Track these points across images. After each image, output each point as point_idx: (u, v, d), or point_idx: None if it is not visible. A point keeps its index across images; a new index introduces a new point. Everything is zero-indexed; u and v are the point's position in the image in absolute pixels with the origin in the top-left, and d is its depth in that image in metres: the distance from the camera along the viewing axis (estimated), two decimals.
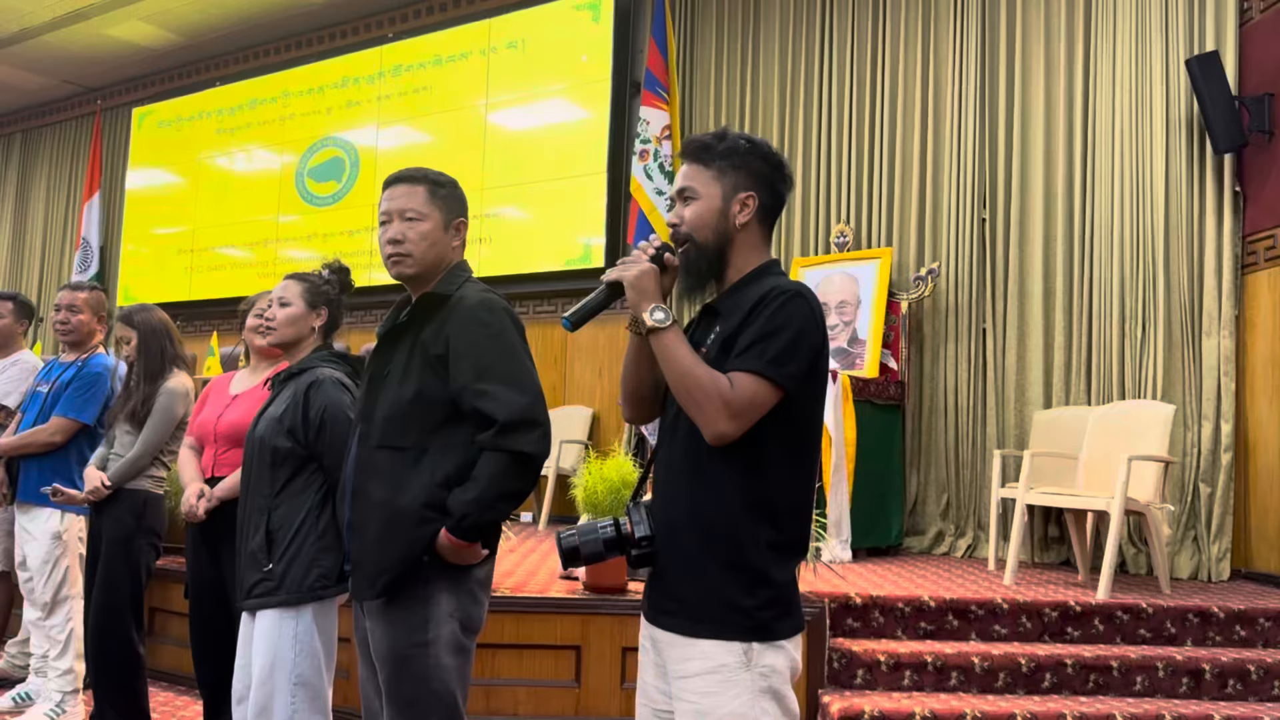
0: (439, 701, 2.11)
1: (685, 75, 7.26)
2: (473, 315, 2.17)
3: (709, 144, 1.87)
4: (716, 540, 1.73)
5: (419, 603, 2.12)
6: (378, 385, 2.21)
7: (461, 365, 2.13)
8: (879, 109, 6.50)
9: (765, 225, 1.88)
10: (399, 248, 2.23)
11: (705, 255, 1.84)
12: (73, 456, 3.91)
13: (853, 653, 3.86)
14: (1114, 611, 4.12)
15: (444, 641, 2.12)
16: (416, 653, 2.10)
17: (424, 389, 2.14)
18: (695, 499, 1.76)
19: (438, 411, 2.14)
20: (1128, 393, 5.46)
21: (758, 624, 1.71)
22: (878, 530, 5.68)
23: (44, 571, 3.90)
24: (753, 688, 1.69)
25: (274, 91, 9.15)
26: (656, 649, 1.82)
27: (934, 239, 6.23)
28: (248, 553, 2.64)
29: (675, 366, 1.72)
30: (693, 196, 1.85)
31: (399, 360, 2.19)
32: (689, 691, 1.72)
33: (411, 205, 2.24)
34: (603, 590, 4.01)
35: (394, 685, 2.11)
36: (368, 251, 8.24)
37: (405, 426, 2.14)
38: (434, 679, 2.11)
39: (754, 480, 1.73)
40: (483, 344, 2.14)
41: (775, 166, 1.87)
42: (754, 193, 1.84)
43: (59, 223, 10.74)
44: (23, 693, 4.09)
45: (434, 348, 2.15)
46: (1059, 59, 5.92)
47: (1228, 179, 5.32)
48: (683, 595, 1.76)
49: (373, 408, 2.19)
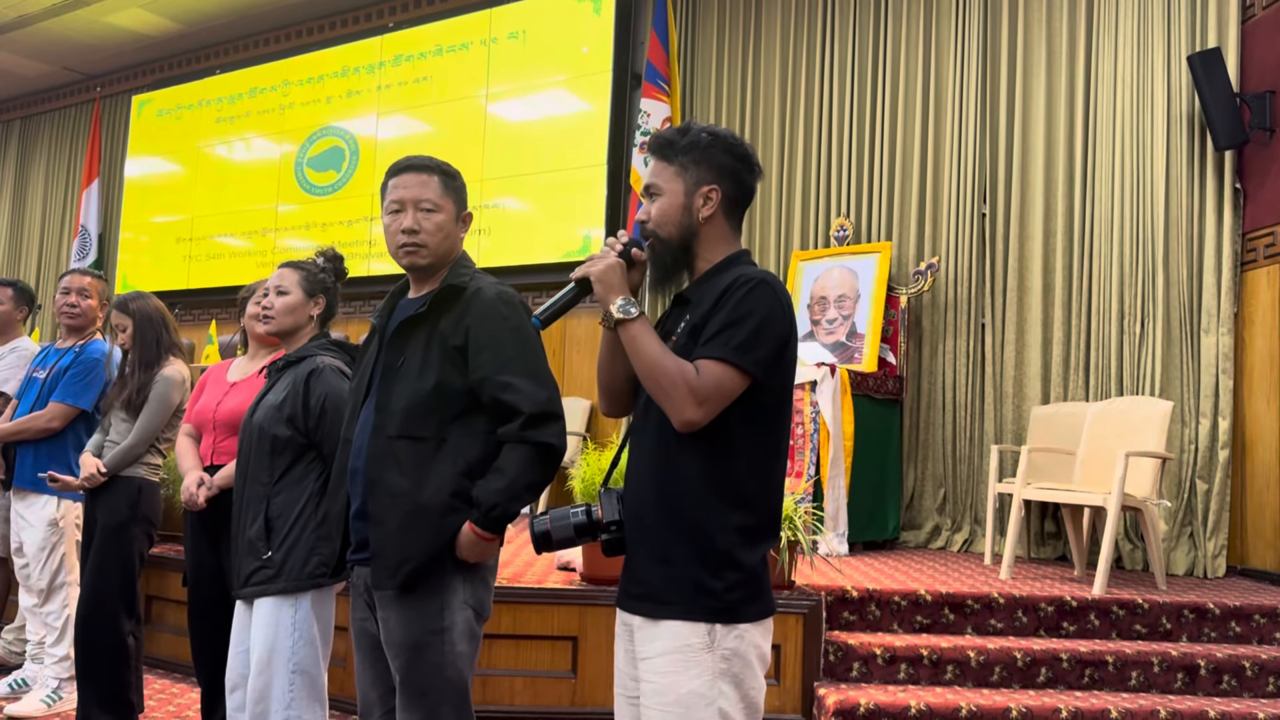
0: (452, 688, 2.13)
1: (686, 67, 7.24)
2: (492, 308, 2.19)
3: (672, 140, 1.88)
4: (683, 525, 1.75)
5: (435, 591, 2.13)
6: (392, 376, 2.19)
7: (483, 357, 2.15)
8: (880, 102, 6.49)
9: (732, 217, 1.90)
10: (414, 238, 2.22)
11: (670, 249, 1.87)
12: (70, 442, 3.91)
13: (849, 646, 3.86)
14: (1110, 607, 4.13)
15: (459, 629, 2.15)
16: (433, 640, 2.12)
17: (443, 380, 2.15)
18: (662, 485, 1.78)
19: (457, 402, 2.16)
20: (1126, 389, 5.46)
21: (724, 606, 1.72)
22: (875, 524, 5.69)
23: (40, 558, 3.90)
24: (713, 669, 1.71)
25: (274, 80, 9.13)
26: (629, 635, 1.84)
27: (934, 233, 6.23)
28: (245, 540, 2.64)
29: (642, 356, 1.74)
30: (657, 193, 1.88)
31: (416, 351, 2.19)
32: (650, 671, 1.74)
33: (427, 195, 2.24)
34: (600, 581, 4.02)
35: (409, 673, 2.12)
36: (366, 241, 8.23)
37: (426, 417, 2.14)
38: (448, 666, 2.13)
39: (722, 466, 1.76)
40: (503, 337, 2.16)
41: (739, 158, 1.88)
42: (716, 185, 1.86)
43: (57, 210, 10.71)
44: (19, 679, 4.09)
45: (453, 339, 2.16)
46: (1060, 54, 5.92)
47: (1228, 176, 5.32)
48: (650, 579, 1.77)
49: (389, 398, 2.18)
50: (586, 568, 4.07)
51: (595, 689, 3.88)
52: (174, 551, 4.68)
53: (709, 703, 1.70)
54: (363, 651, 2.27)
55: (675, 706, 1.70)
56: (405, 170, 2.27)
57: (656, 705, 1.73)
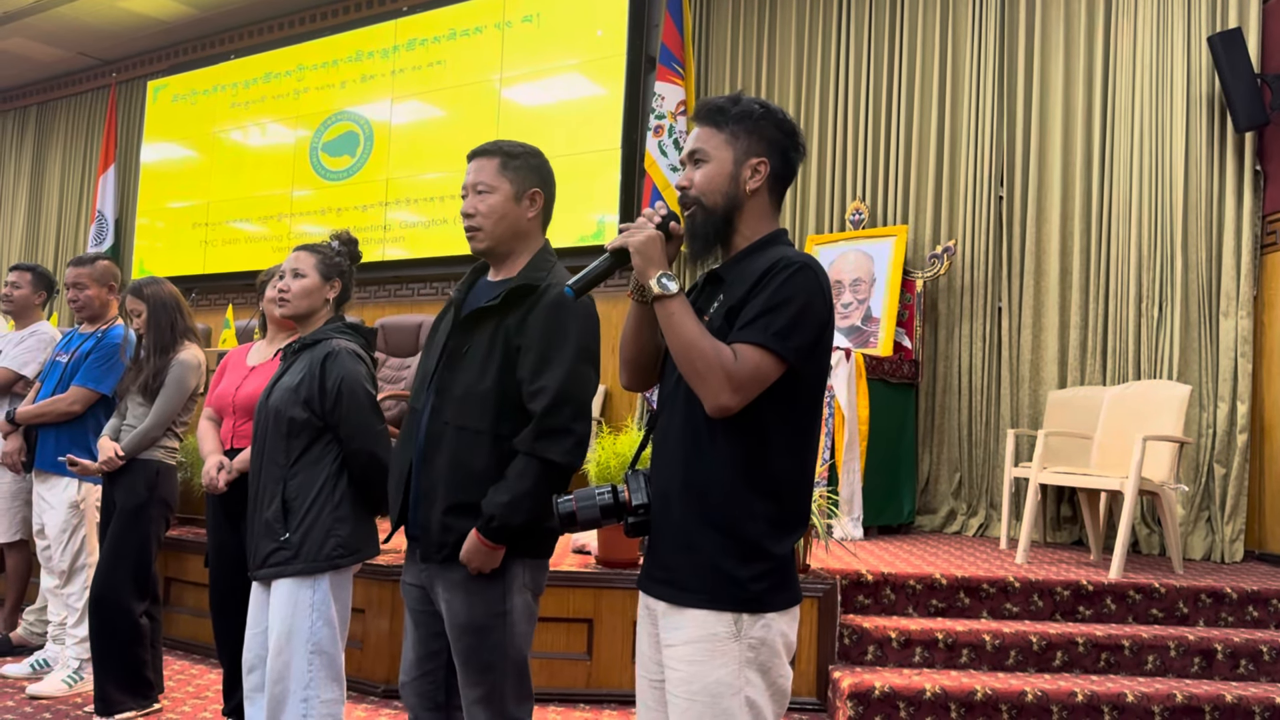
0: (513, 666, 2.22)
1: (701, 50, 7.21)
2: (550, 313, 2.19)
3: (723, 107, 1.83)
4: (710, 511, 1.71)
5: (497, 576, 2.19)
6: (457, 362, 2.23)
7: (525, 359, 2.18)
8: (896, 84, 6.45)
9: (775, 193, 1.85)
10: (471, 221, 2.26)
11: (713, 220, 1.81)
12: (90, 426, 3.94)
13: (864, 629, 3.87)
14: (1126, 591, 4.11)
15: (519, 611, 2.22)
16: (496, 623, 2.19)
17: (502, 378, 2.19)
18: (690, 469, 1.74)
19: (512, 400, 2.19)
20: (1143, 373, 5.43)
21: (750, 596, 1.69)
22: (890, 508, 5.68)
23: (62, 540, 3.94)
24: (740, 658, 1.68)
25: (288, 65, 9.13)
26: (652, 618, 1.81)
27: (950, 217, 6.19)
28: (262, 522, 2.66)
29: (680, 336, 1.68)
30: (704, 160, 1.82)
31: (481, 342, 2.22)
32: (675, 659, 1.72)
33: (482, 178, 2.27)
34: (615, 564, 4.03)
35: (473, 654, 2.20)
36: (380, 226, 8.24)
37: (481, 411, 2.18)
38: (510, 645, 2.21)
39: (752, 453, 1.71)
40: (550, 343, 2.17)
41: (788, 134, 1.83)
42: (766, 159, 1.81)
43: (74, 195, 10.76)
44: (41, 659, 4.14)
45: (516, 338, 2.20)
46: (1079, 35, 5.86)
47: (1248, 158, 5.27)
48: (674, 564, 1.74)
49: (450, 383, 2.22)
50: (602, 551, 4.09)
51: (610, 671, 3.89)
52: (192, 534, 4.72)
53: (736, 691, 1.68)
54: (410, 613, 2.34)
55: (702, 695, 1.68)
56: (473, 157, 2.33)
57: (683, 694, 1.70)
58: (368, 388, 2.71)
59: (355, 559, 2.66)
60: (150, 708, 3.64)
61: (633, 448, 4.00)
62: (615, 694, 3.88)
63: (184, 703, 3.80)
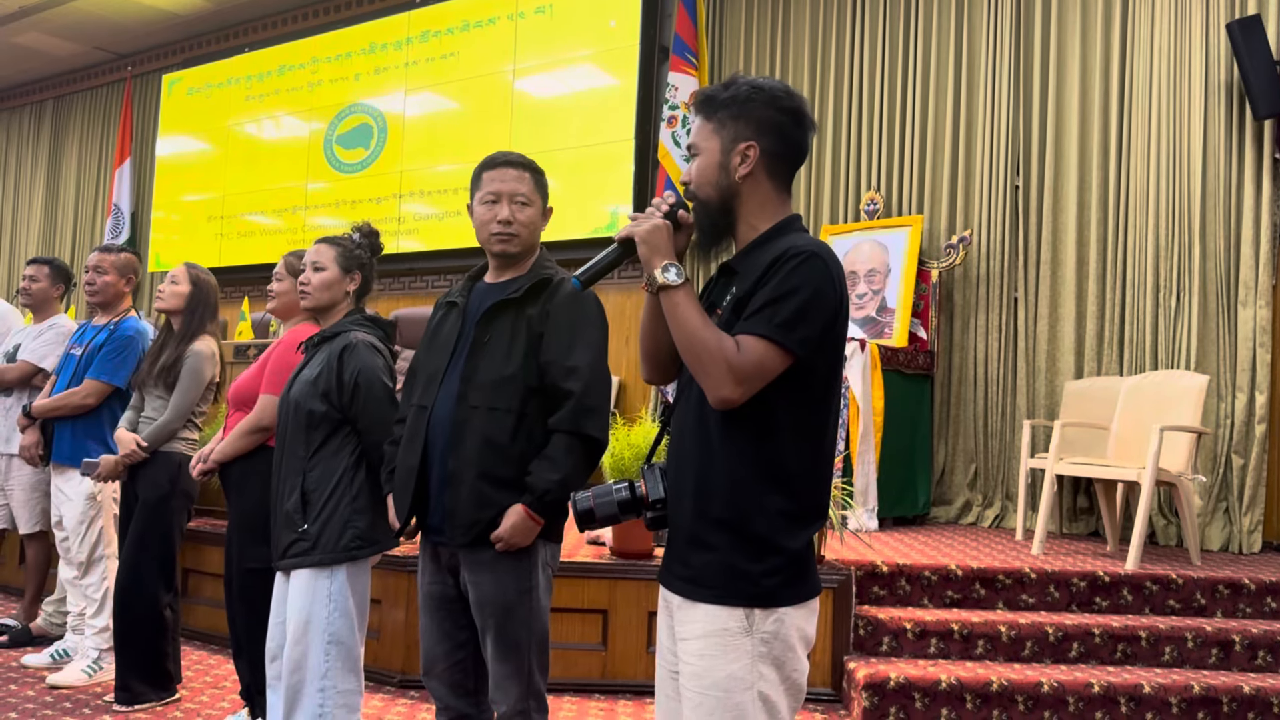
0: (537, 639, 2.37)
1: (714, 40, 7.19)
2: (572, 301, 2.39)
3: (713, 94, 1.79)
4: (722, 506, 1.69)
5: (524, 553, 2.33)
6: (480, 350, 2.37)
7: (551, 344, 2.34)
8: (911, 74, 6.42)
9: (777, 176, 1.78)
10: (509, 228, 2.41)
11: (710, 212, 1.78)
12: (105, 418, 3.97)
13: (879, 620, 3.86)
14: (1143, 582, 4.10)
15: (542, 587, 2.38)
16: (522, 600, 2.33)
17: (525, 363, 2.34)
18: (702, 464, 1.72)
19: (533, 383, 2.34)
20: (1161, 363, 5.40)
21: (762, 591, 1.67)
22: (905, 500, 5.67)
23: (79, 531, 3.97)
24: (752, 653, 1.67)
25: (302, 58, 9.14)
26: (669, 611, 1.81)
27: (965, 206, 6.16)
28: (283, 513, 2.68)
29: (682, 326, 1.66)
30: (697, 152, 1.80)
31: (504, 331, 2.37)
32: (688, 653, 1.71)
33: (522, 190, 2.44)
34: (629, 555, 4.04)
35: (501, 630, 2.32)
36: (395, 219, 8.25)
37: (511, 392, 2.33)
38: (535, 620, 2.36)
39: (764, 446, 1.68)
40: (575, 328, 2.36)
41: (784, 110, 1.76)
42: (754, 142, 1.74)
43: (90, 189, 10.82)
44: (60, 649, 4.17)
45: (537, 325, 2.36)
46: (1095, 22, 5.81)
47: (1267, 145, 5.22)
48: (689, 559, 1.73)
49: (475, 370, 2.35)
50: (616, 542, 4.09)
51: (625, 661, 3.91)
52: (210, 525, 4.74)
53: (748, 686, 1.66)
54: (429, 612, 2.44)
55: (714, 690, 1.67)
56: (503, 165, 2.45)
57: (695, 688, 1.69)
58: (385, 380, 2.72)
59: (373, 550, 2.68)
60: (169, 698, 3.67)
61: (647, 440, 4.00)
62: (630, 684, 3.89)
63: (201, 693, 3.83)
